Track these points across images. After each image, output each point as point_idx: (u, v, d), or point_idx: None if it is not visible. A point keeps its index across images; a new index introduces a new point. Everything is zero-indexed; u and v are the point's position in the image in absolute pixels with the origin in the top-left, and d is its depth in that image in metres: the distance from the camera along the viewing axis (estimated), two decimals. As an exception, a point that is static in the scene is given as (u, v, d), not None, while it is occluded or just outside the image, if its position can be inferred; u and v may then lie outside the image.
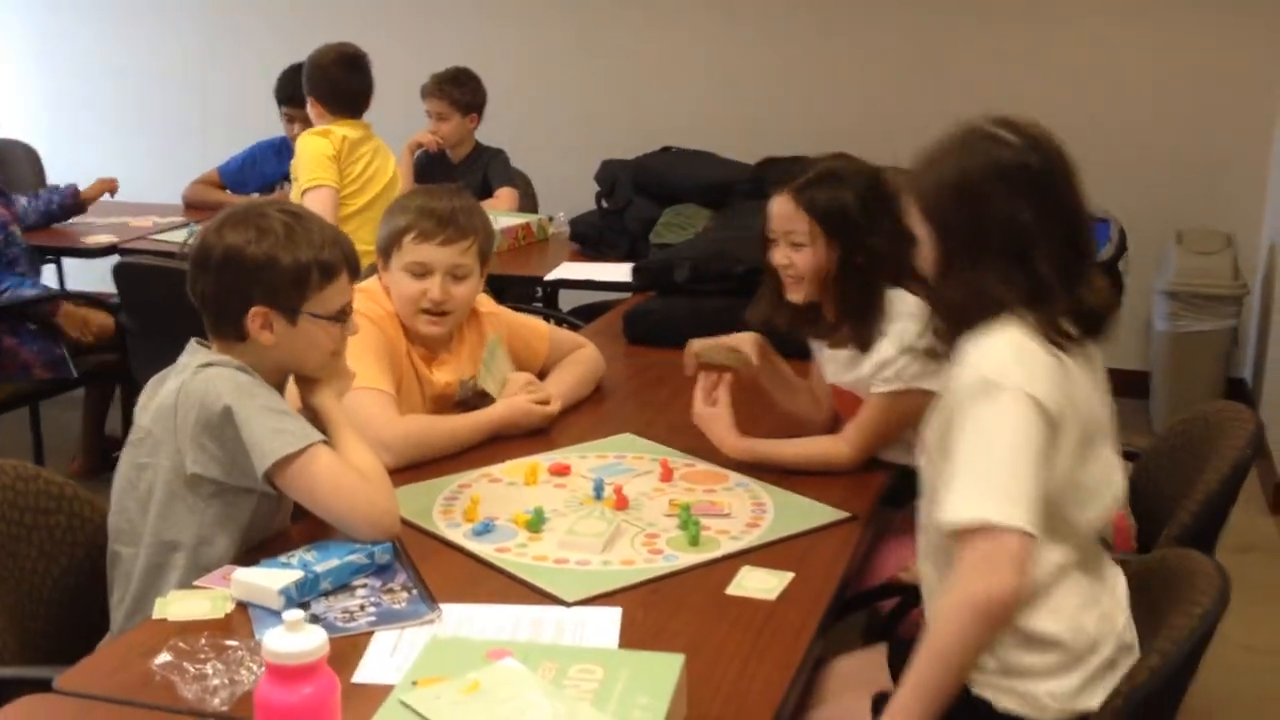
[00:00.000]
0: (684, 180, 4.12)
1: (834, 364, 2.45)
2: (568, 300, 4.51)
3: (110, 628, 2.07)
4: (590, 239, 4.30)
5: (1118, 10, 5.12)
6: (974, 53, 5.25)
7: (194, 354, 2.05)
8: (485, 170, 4.85)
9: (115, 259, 4.23)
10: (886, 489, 2.34)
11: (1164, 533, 2.24)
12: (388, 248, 2.53)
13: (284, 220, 2.04)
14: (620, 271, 4.00)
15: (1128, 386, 5.03)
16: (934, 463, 1.79)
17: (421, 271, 2.49)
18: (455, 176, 4.87)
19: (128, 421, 4.09)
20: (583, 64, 5.67)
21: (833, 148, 4.40)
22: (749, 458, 2.36)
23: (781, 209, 2.34)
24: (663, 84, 5.56)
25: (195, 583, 1.93)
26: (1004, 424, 1.66)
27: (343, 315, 2.09)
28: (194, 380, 1.97)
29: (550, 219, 4.62)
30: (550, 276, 4.04)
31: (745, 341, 2.46)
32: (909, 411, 2.31)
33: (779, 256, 2.35)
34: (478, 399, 2.64)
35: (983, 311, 1.73)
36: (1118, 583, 1.87)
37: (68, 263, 5.11)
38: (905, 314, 2.31)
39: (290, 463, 1.93)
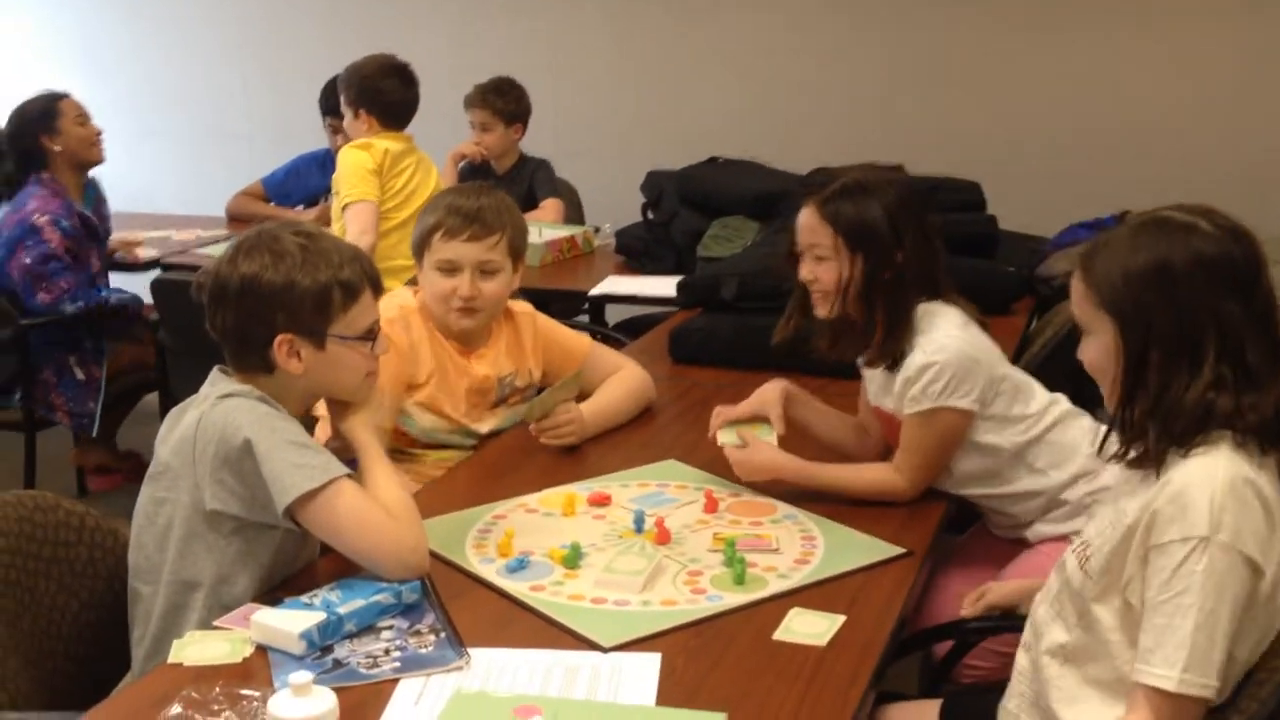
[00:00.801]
0: (731, 191, 3.99)
1: (874, 384, 2.35)
2: (614, 314, 4.41)
3: (131, 666, 1.99)
4: (636, 252, 4.19)
5: (1160, 15, 4.94)
6: (1019, 58, 5.06)
7: (215, 384, 1.97)
8: (530, 181, 4.75)
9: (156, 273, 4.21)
10: (945, 521, 2.22)
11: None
12: (420, 247, 2.52)
13: (299, 242, 1.96)
14: (667, 286, 3.88)
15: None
16: (1094, 579, 1.65)
17: (450, 268, 2.48)
18: (500, 188, 4.77)
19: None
20: (627, 72, 5.55)
21: (885, 156, 4.30)
22: (805, 481, 2.24)
23: (806, 221, 2.25)
24: (709, 92, 5.42)
25: (215, 622, 1.85)
26: (1213, 585, 1.52)
27: (371, 334, 2.02)
28: (213, 412, 1.89)
29: (595, 231, 4.52)
30: (595, 291, 3.93)
31: (770, 396, 2.35)
32: (949, 431, 2.20)
33: (804, 271, 2.26)
34: (516, 396, 2.61)
35: (1196, 424, 1.58)
36: None
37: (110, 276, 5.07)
38: (934, 328, 2.20)
39: (312, 498, 1.83)
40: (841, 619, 1.83)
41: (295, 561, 1.99)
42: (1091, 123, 5.00)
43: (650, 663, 1.72)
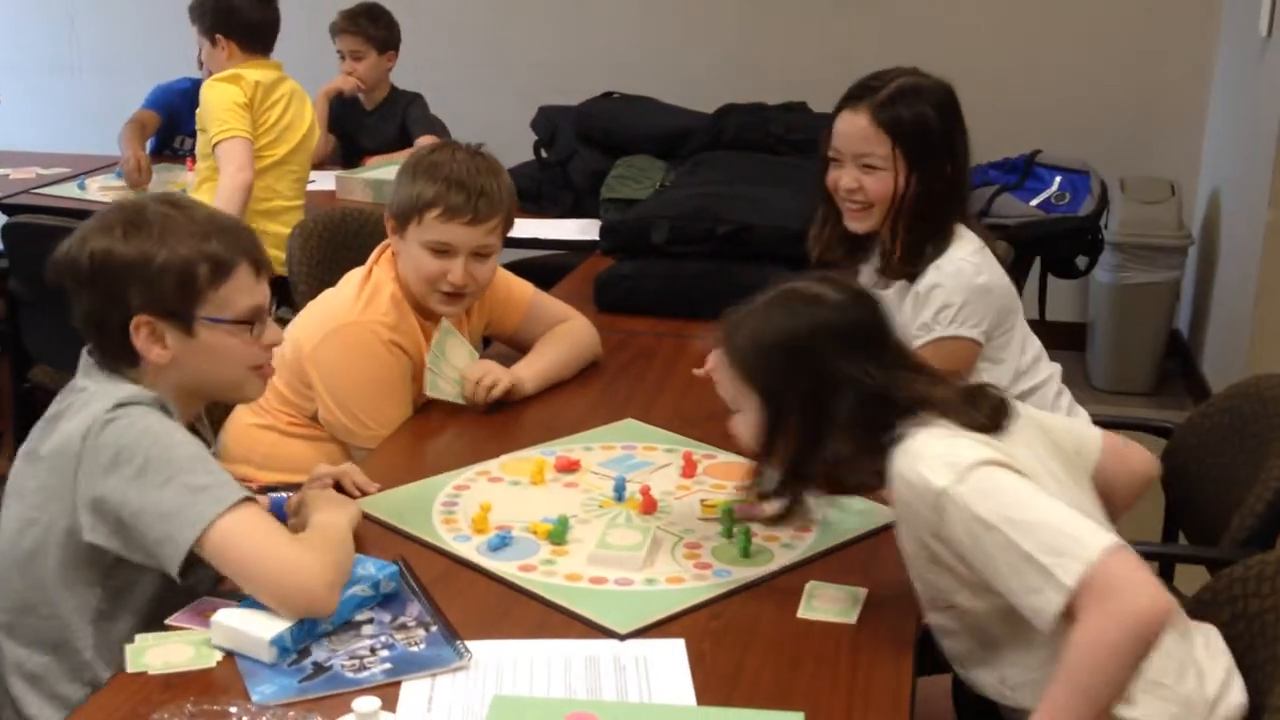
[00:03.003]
0: (635, 129, 3.80)
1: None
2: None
3: None
4: (529, 193, 3.95)
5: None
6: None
7: (96, 381, 1.68)
8: (403, 116, 4.46)
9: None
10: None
11: (1226, 534, 2.05)
12: (405, 216, 2.24)
13: (162, 212, 1.68)
14: (569, 228, 3.71)
15: (1066, 339, 4.91)
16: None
17: (444, 250, 2.22)
18: (369, 124, 4.50)
19: (18, 398, 3.66)
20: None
21: (787, 95, 4.18)
22: None
23: (855, 128, 2.11)
24: (598, 23, 5.15)
25: (169, 620, 1.61)
26: (1007, 500, 1.49)
27: (253, 318, 1.72)
28: (108, 431, 1.59)
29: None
30: (492, 234, 3.69)
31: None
32: (959, 363, 2.09)
33: (847, 179, 2.13)
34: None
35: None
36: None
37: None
38: (952, 249, 2.10)
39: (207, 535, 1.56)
40: (863, 592, 1.71)
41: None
42: (1001, 62, 4.94)
43: (675, 650, 1.57)
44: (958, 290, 2.06)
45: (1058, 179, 3.81)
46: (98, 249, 1.65)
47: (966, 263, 2.08)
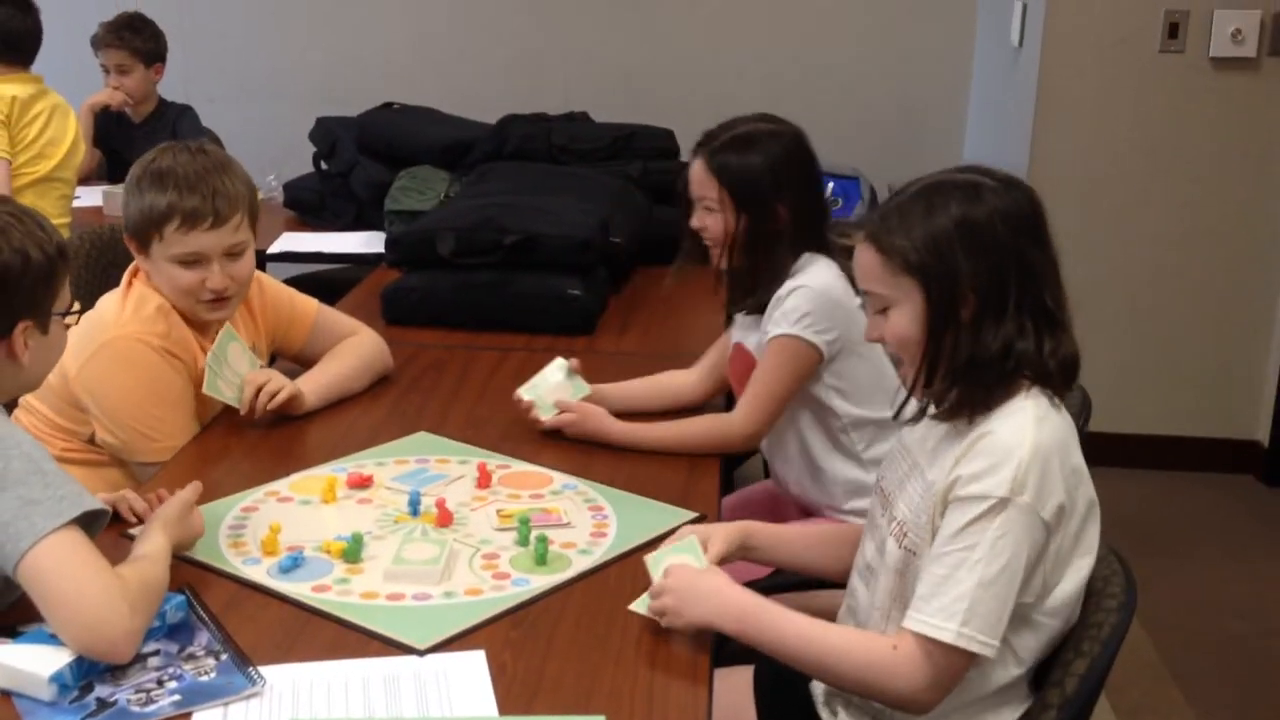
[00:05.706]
0: (418, 140, 3.75)
1: (741, 325, 2.35)
2: (273, 273, 4.07)
3: None
4: (310, 205, 3.89)
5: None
6: (703, 2, 5.08)
7: None
8: (173, 129, 4.30)
9: None
10: (725, 479, 2.17)
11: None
12: (144, 233, 2.15)
13: (3, 209, 1.64)
14: (354, 241, 3.66)
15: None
16: (917, 553, 1.61)
17: (194, 260, 2.15)
18: (138, 138, 4.31)
19: None
20: (281, 6, 5.12)
21: (570, 105, 4.21)
22: (636, 443, 2.21)
23: (696, 173, 2.26)
24: (375, 32, 5.06)
25: (-66, 666, 1.52)
26: (1004, 544, 1.50)
27: (71, 310, 1.74)
28: None
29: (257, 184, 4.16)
30: (273, 249, 3.60)
31: (559, 372, 2.30)
32: (796, 365, 2.19)
33: (695, 220, 2.28)
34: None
35: (1002, 375, 1.57)
36: None
37: None
38: (811, 268, 2.21)
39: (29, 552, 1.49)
40: (660, 593, 1.73)
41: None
42: (774, 73, 5.05)
43: (476, 662, 1.56)
44: (814, 296, 2.16)
45: (830, 185, 3.95)
46: None
47: (822, 277, 2.18)
